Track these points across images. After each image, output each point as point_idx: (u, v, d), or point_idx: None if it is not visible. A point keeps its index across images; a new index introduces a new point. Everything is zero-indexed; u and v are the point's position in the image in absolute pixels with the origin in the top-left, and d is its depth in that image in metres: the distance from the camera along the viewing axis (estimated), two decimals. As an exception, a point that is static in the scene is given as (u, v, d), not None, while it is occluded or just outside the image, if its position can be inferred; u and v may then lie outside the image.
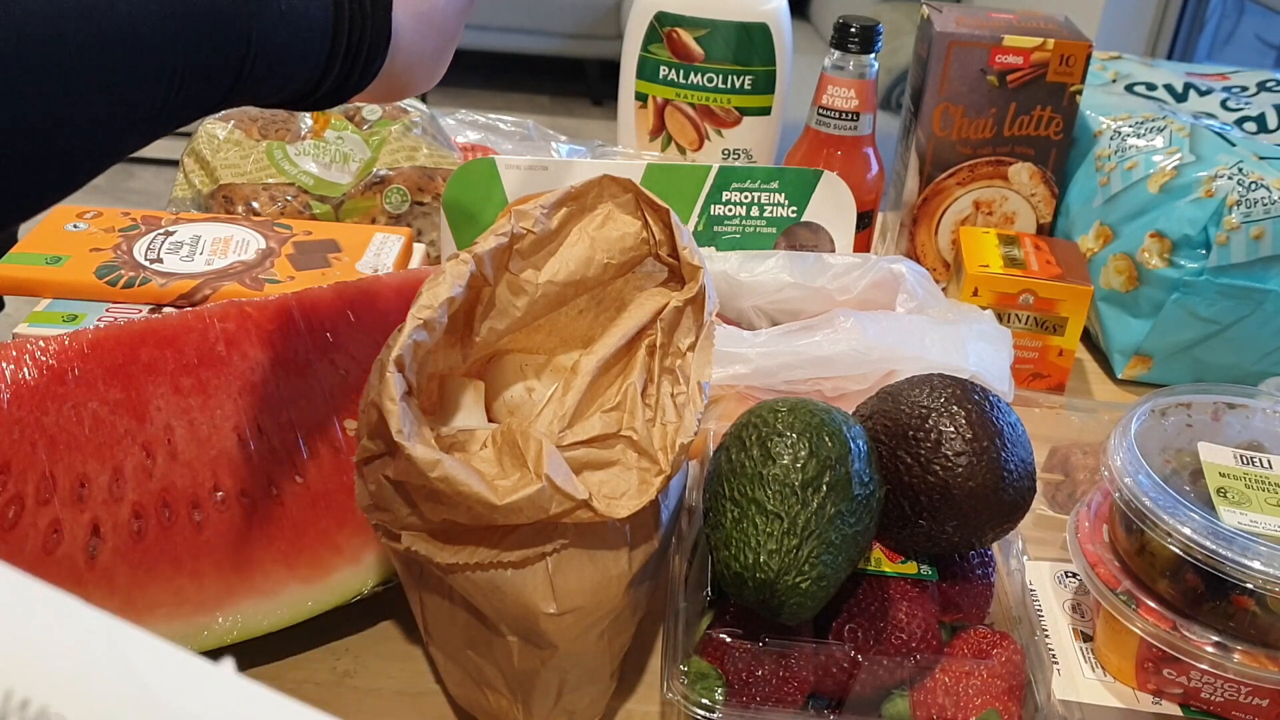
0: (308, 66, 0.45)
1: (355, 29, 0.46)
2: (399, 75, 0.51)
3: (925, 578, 0.53)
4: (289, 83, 0.45)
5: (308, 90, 0.47)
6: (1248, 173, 0.80)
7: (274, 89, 0.45)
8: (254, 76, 0.43)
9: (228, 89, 0.43)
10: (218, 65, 0.41)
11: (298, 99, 0.47)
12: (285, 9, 0.43)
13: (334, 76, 0.47)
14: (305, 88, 0.46)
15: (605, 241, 0.52)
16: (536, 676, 0.49)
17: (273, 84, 0.45)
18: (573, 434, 0.48)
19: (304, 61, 0.45)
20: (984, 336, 0.71)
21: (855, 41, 0.83)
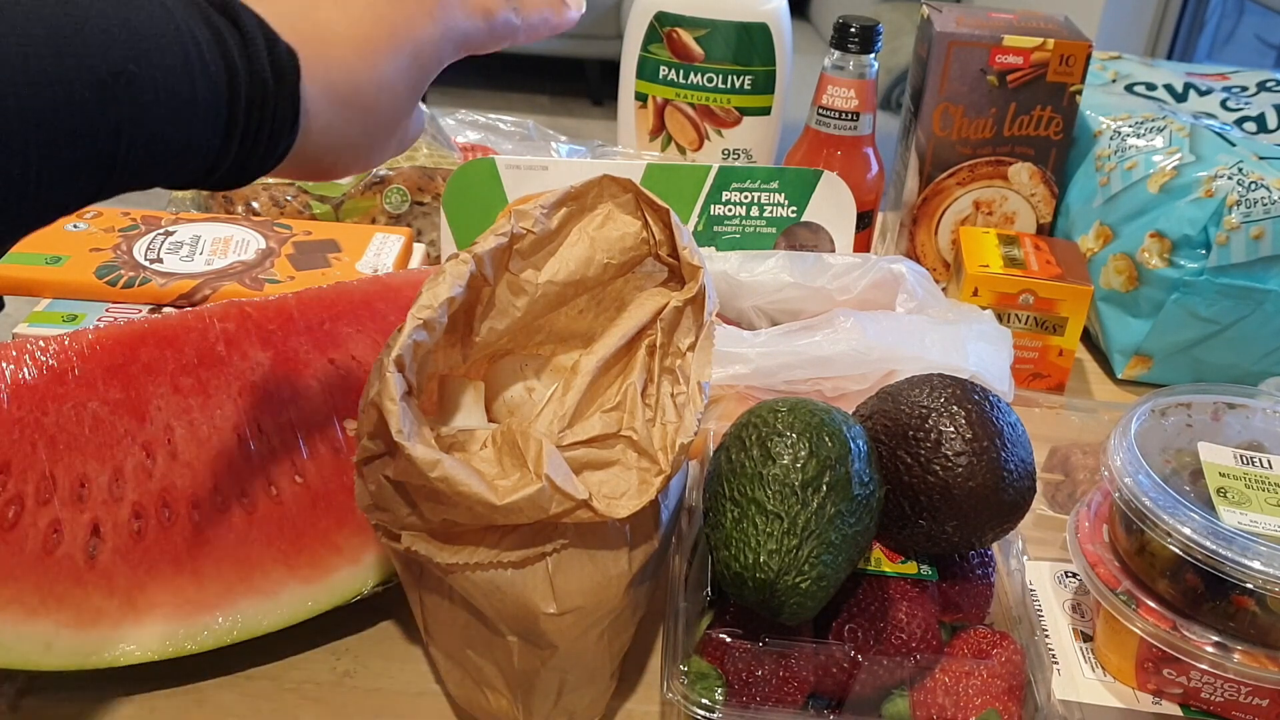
0: (198, 153, 0.41)
1: (254, 109, 0.41)
2: (318, 157, 0.46)
3: (925, 578, 0.53)
4: (179, 170, 0.41)
5: (201, 174, 0.42)
6: (1248, 173, 0.80)
7: (160, 177, 0.41)
8: (130, 169, 0.39)
9: (100, 184, 0.38)
10: (84, 162, 0.37)
11: (192, 183, 0.43)
12: (163, 95, 0.38)
13: (231, 159, 0.42)
14: (198, 173, 0.42)
15: (605, 241, 0.52)
16: (536, 677, 0.49)
17: (158, 173, 0.40)
18: (573, 434, 0.48)
19: (192, 147, 0.40)
20: (984, 336, 0.71)
21: (855, 41, 0.83)
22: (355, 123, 0.46)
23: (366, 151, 0.48)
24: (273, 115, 0.42)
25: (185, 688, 0.54)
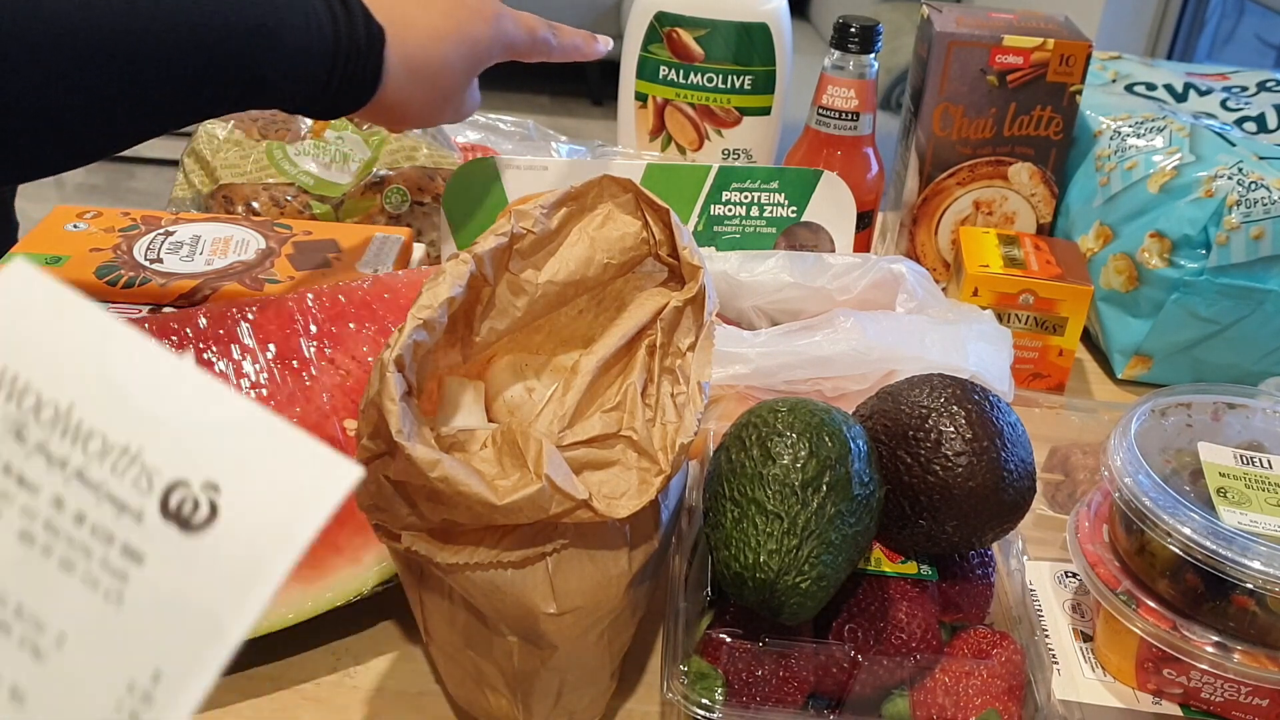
0: (309, 88, 0.58)
1: (349, 65, 0.58)
2: (390, 109, 0.63)
3: (925, 578, 0.53)
4: (289, 100, 0.58)
5: (305, 106, 0.59)
6: (1248, 173, 0.80)
7: (276, 103, 0.58)
8: (263, 94, 0.56)
9: (233, 103, 0.56)
10: (232, 83, 0.54)
11: (296, 110, 0.60)
12: (289, 44, 0.55)
13: (328, 99, 0.59)
14: (302, 105, 0.59)
15: (605, 241, 0.52)
16: (536, 677, 0.49)
17: (275, 100, 0.57)
18: (573, 434, 0.48)
19: (306, 84, 0.57)
20: (984, 336, 0.71)
21: (855, 41, 0.83)
22: (421, 89, 0.63)
23: (427, 112, 0.65)
24: (360, 71, 0.59)
25: (185, 688, 0.54)
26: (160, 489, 0.23)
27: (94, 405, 0.24)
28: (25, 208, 0.85)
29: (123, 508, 0.23)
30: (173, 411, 0.24)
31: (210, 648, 0.23)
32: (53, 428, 0.24)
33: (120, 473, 0.23)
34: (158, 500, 0.23)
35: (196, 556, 0.23)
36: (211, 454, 0.24)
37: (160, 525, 0.23)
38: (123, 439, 0.24)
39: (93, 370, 0.24)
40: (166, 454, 0.24)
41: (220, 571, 0.23)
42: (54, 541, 0.24)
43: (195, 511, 0.23)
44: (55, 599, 0.23)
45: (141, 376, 0.24)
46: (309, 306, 0.61)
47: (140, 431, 0.24)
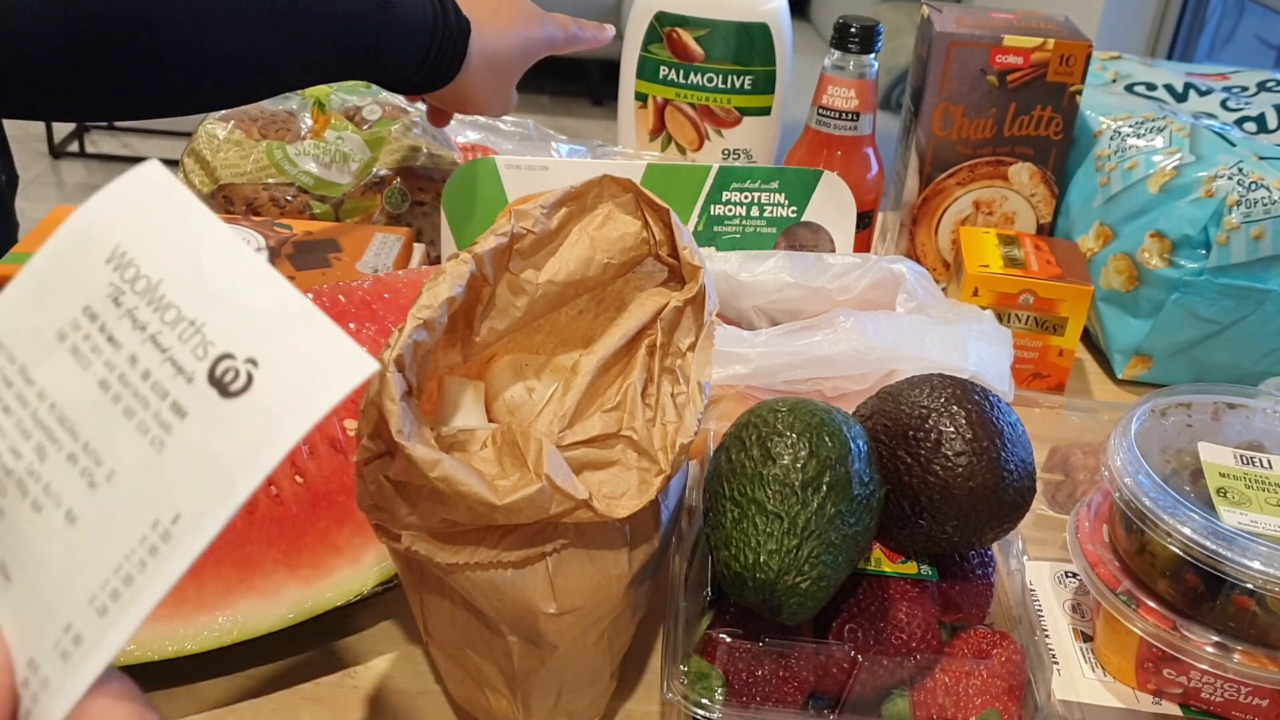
0: (409, 64, 0.69)
1: (444, 47, 0.70)
2: (462, 89, 0.74)
3: (925, 578, 0.53)
4: (396, 69, 0.69)
5: (399, 81, 0.70)
6: (1248, 173, 0.80)
7: (385, 74, 0.69)
8: (375, 64, 0.67)
9: (356, 67, 0.67)
10: (355, 51, 0.66)
11: (395, 84, 0.71)
12: (403, 22, 0.67)
13: (421, 75, 0.70)
14: (401, 80, 0.70)
15: (605, 241, 0.52)
16: (536, 677, 0.49)
17: (386, 71, 0.69)
18: (573, 434, 0.48)
19: (407, 60, 0.68)
20: (984, 336, 0.71)
21: (855, 41, 0.83)
22: (489, 78, 0.75)
23: (489, 100, 0.78)
24: (450, 54, 0.70)
25: (185, 688, 0.54)
26: (213, 357, 0.27)
27: (179, 282, 0.28)
28: (25, 208, 0.85)
29: (179, 369, 0.27)
30: (238, 294, 0.28)
31: (223, 500, 0.26)
32: (142, 297, 0.28)
33: (185, 340, 0.27)
34: (208, 367, 0.27)
35: (226, 418, 0.26)
36: (260, 334, 0.27)
37: (205, 388, 0.27)
38: (193, 313, 0.28)
39: (186, 253, 0.28)
40: (224, 329, 0.27)
41: (242, 434, 0.26)
42: (123, 391, 0.28)
43: (234, 380, 0.27)
44: (114, 440, 0.27)
45: (222, 263, 0.28)
46: (309, 306, 0.61)
47: (209, 308, 0.28)
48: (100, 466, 0.27)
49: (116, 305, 0.28)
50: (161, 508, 0.26)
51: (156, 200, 0.29)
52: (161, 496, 0.26)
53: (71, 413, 0.28)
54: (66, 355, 0.29)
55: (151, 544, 0.26)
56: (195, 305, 0.28)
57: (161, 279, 0.28)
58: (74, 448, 0.28)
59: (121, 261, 0.29)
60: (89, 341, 0.28)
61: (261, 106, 0.89)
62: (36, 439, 0.28)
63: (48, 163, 3.01)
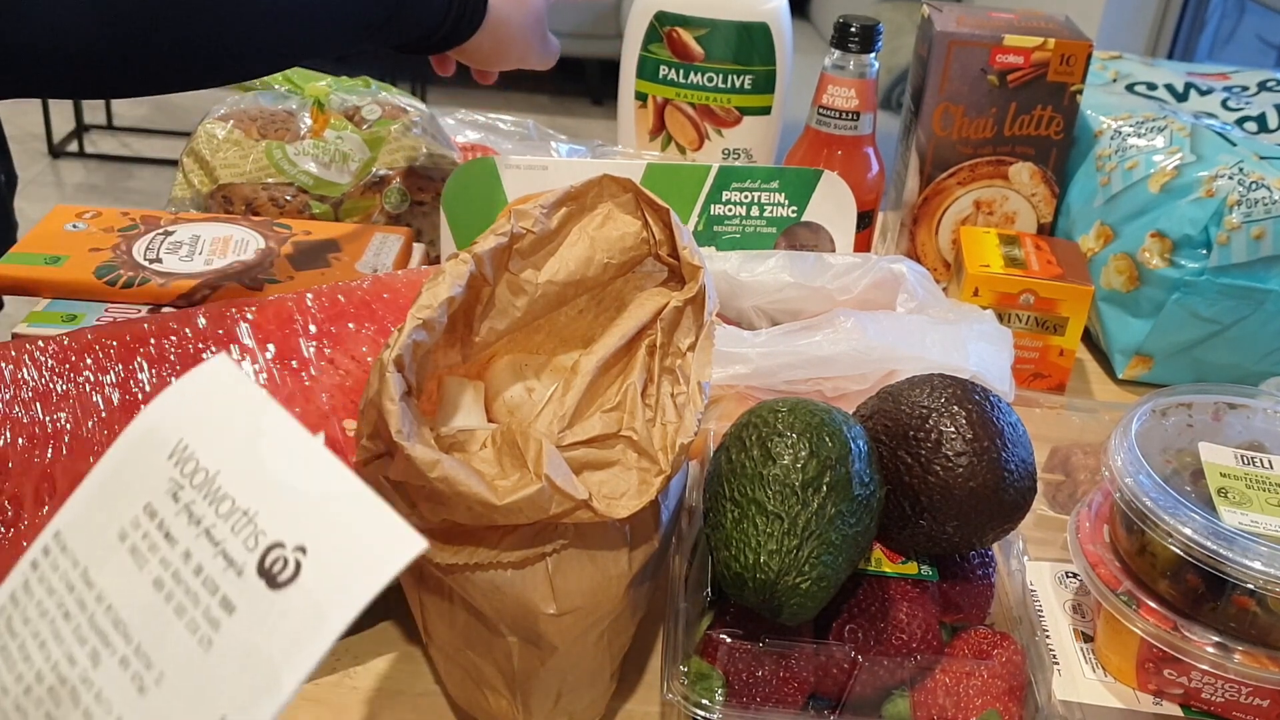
0: (432, 20, 0.69)
1: (464, 8, 0.69)
2: (481, 46, 0.73)
3: (926, 578, 0.53)
4: (417, 28, 0.68)
5: (424, 38, 0.70)
6: (1248, 172, 0.80)
7: (407, 34, 0.68)
8: (395, 27, 0.67)
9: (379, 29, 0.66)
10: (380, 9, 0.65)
11: (417, 44, 0.70)
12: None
13: (443, 31, 0.70)
14: (423, 36, 0.69)
15: (605, 241, 0.52)
16: (536, 677, 0.49)
17: (408, 31, 0.68)
18: (573, 434, 0.48)
19: (430, 16, 0.68)
20: (984, 336, 0.71)
21: (855, 41, 0.83)
22: (504, 36, 0.74)
23: (517, 51, 0.77)
24: (472, 12, 0.71)
25: (185, 688, 0.54)
26: (263, 548, 0.26)
27: (236, 473, 0.27)
28: (25, 208, 0.85)
29: (230, 562, 0.26)
30: (293, 481, 0.27)
31: (268, 697, 0.25)
32: (200, 490, 0.27)
33: (237, 531, 0.26)
34: (258, 558, 0.26)
35: (272, 611, 0.25)
36: (310, 520, 0.26)
37: (254, 580, 0.26)
38: (247, 503, 0.27)
39: (245, 443, 0.28)
40: (276, 517, 0.26)
41: (287, 627, 0.25)
42: (176, 589, 0.27)
43: (283, 569, 0.26)
44: (164, 640, 0.26)
45: (280, 450, 0.28)
46: (309, 306, 0.61)
47: (263, 497, 0.27)
48: (150, 670, 0.26)
49: (175, 500, 0.28)
50: (207, 710, 0.25)
51: (221, 394, 0.29)
52: (208, 698, 0.25)
53: (127, 615, 0.27)
54: (125, 555, 0.28)
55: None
56: (250, 495, 0.27)
57: (219, 470, 0.28)
58: (126, 651, 0.27)
59: (183, 456, 0.28)
60: (147, 540, 0.28)
61: (261, 106, 0.89)
62: (92, 644, 0.27)
63: (47, 162, 3.01)
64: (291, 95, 0.90)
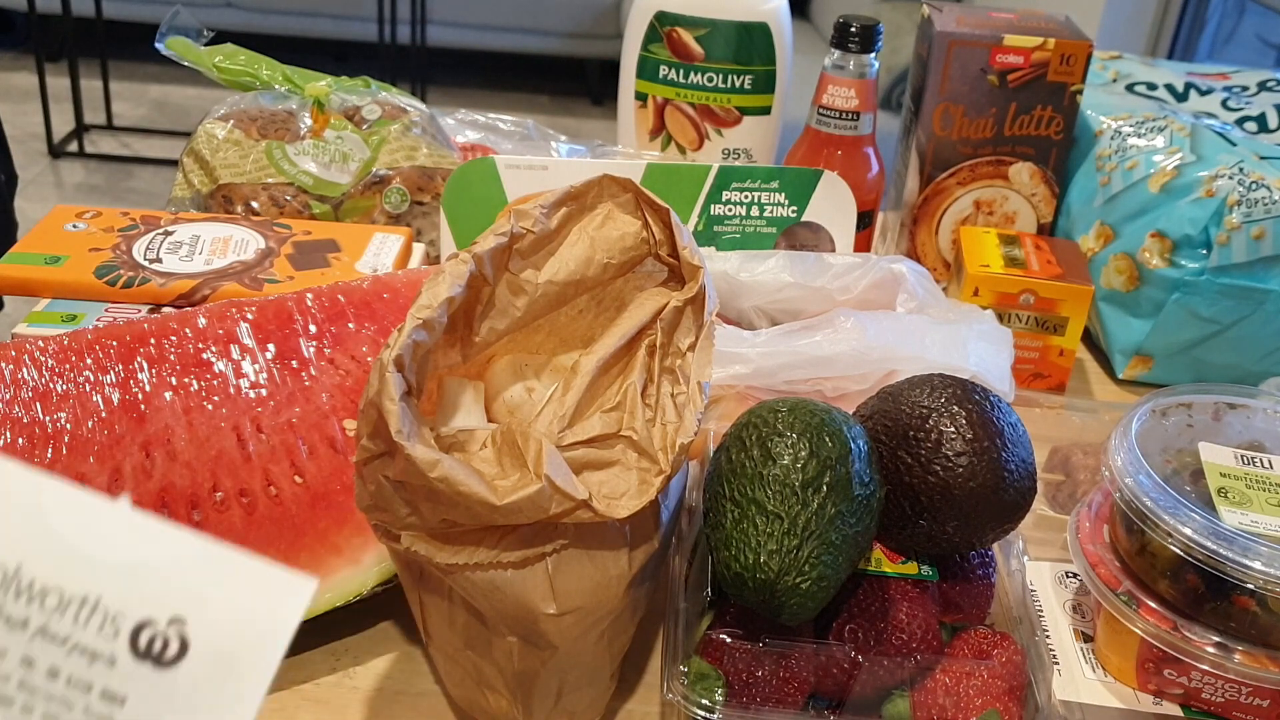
0: None
1: None
2: None
3: (926, 578, 0.53)
4: None
5: None
6: (1248, 172, 0.80)
7: None
8: None
9: None
10: None
11: None
12: None
13: None
14: None
15: (605, 241, 0.52)
16: (536, 677, 0.49)
17: None
18: (573, 434, 0.48)
19: None
20: (984, 336, 0.71)
21: (855, 41, 0.83)
22: None
23: None
24: None
25: (185, 688, 0.54)
26: (127, 632, 0.24)
27: (43, 561, 0.24)
28: (25, 208, 0.85)
29: (94, 656, 0.24)
30: (122, 555, 0.24)
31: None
32: (4, 590, 0.24)
33: (83, 623, 0.24)
34: (127, 643, 0.24)
35: (175, 689, 0.23)
36: (169, 591, 0.24)
37: (134, 666, 0.24)
38: (79, 589, 0.24)
39: (34, 528, 0.25)
40: (125, 597, 0.24)
41: (202, 699, 0.23)
42: (32, 699, 0.24)
43: (166, 648, 0.24)
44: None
45: (83, 526, 0.25)
46: (309, 306, 0.61)
47: (95, 580, 0.24)
48: None
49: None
50: None
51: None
52: None
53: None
54: None
55: None
56: (77, 579, 0.24)
57: (19, 564, 0.24)
58: None
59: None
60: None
61: (261, 106, 0.89)
62: None
63: (47, 163, 3.01)
64: (291, 95, 0.90)
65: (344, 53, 3.74)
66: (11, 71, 3.56)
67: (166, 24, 0.88)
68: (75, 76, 2.97)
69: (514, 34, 3.55)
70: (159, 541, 0.24)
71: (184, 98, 3.48)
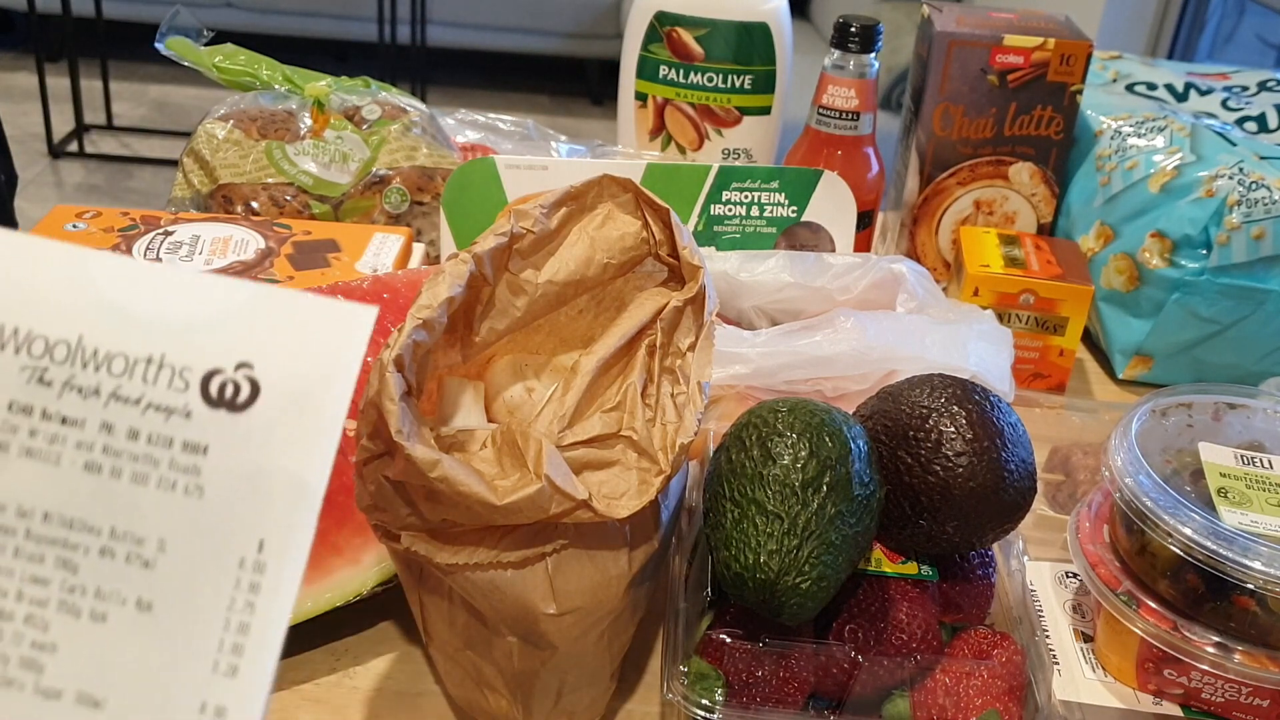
0: None
1: None
2: None
3: (926, 578, 0.53)
4: None
5: None
6: (1248, 172, 0.80)
7: None
8: None
9: None
10: None
11: None
12: None
13: None
14: None
15: (605, 241, 0.52)
16: (536, 677, 0.49)
17: None
18: (573, 434, 0.48)
19: None
20: (984, 336, 0.71)
21: (855, 41, 0.83)
22: None
23: None
24: None
25: (185, 688, 0.54)
26: (197, 383, 0.25)
27: (103, 329, 0.25)
28: (25, 208, 0.85)
29: (169, 411, 0.25)
30: (180, 312, 0.25)
31: (300, 503, 0.24)
32: (71, 364, 0.25)
33: (153, 381, 0.25)
34: (199, 393, 0.25)
35: (253, 431, 0.24)
36: (231, 338, 0.25)
37: (210, 414, 0.25)
38: (142, 350, 0.25)
39: (89, 299, 0.25)
40: (189, 351, 0.25)
41: (281, 436, 0.24)
42: (119, 462, 0.25)
43: (238, 393, 0.25)
44: (141, 511, 0.25)
45: (136, 290, 0.25)
46: (309, 306, 0.61)
47: (156, 339, 0.25)
48: (143, 544, 0.25)
49: (46, 384, 0.25)
50: (239, 544, 0.24)
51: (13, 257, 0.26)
52: (231, 535, 0.24)
53: (73, 511, 0.25)
54: (19, 462, 0.25)
55: (250, 582, 0.24)
56: (138, 341, 0.25)
57: (80, 335, 0.25)
58: (102, 542, 0.25)
59: (20, 341, 0.25)
60: (37, 436, 0.25)
61: (261, 106, 0.89)
62: (52, 556, 0.25)
63: (47, 163, 3.01)
64: (291, 95, 0.90)
65: (344, 53, 3.74)
66: (11, 71, 3.56)
67: (166, 24, 0.88)
68: (75, 76, 2.97)
69: (514, 34, 3.55)
70: (213, 293, 0.25)
71: (184, 98, 3.48)
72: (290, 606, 0.24)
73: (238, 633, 0.24)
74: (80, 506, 0.25)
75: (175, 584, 0.25)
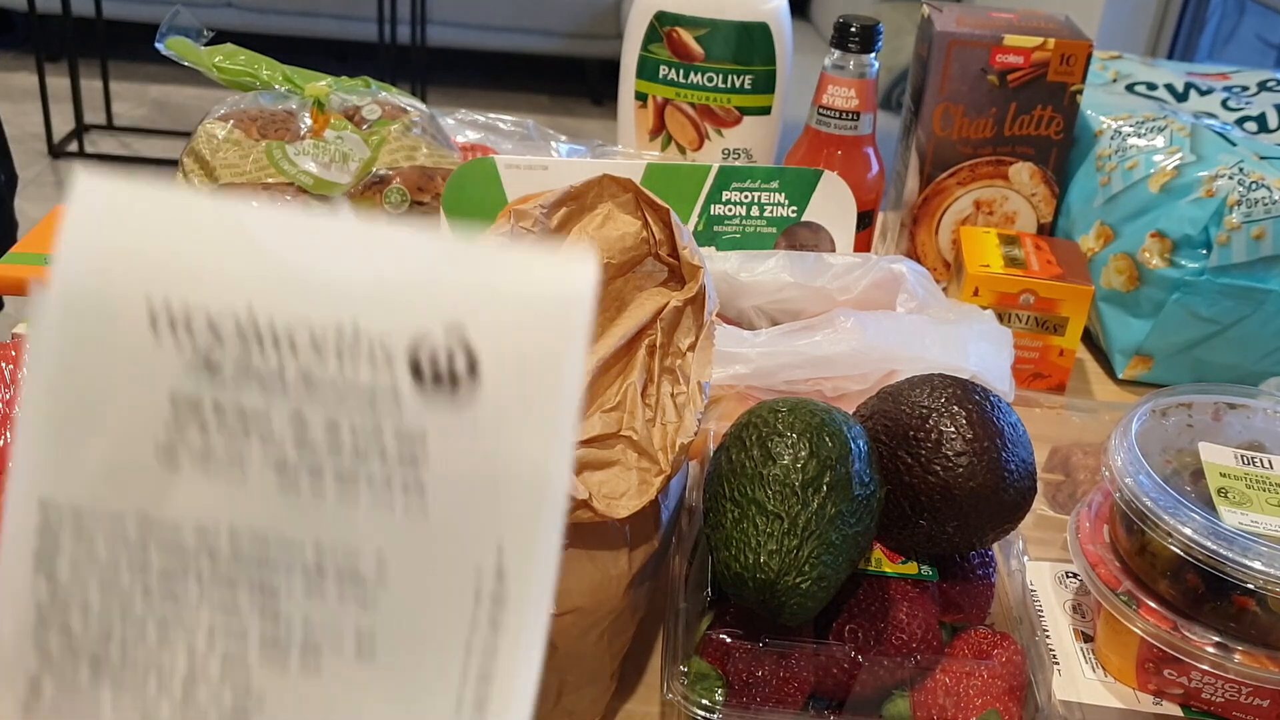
0: None
1: None
2: None
3: (926, 578, 0.53)
4: None
5: None
6: (1248, 172, 0.80)
7: None
8: None
9: None
10: None
11: None
12: None
13: None
14: None
15: (605, 241, 0.52)
16: (536, 677, 0.49)
17: None
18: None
19: None
20: (984, 336, 0.71)
21: (855, 41, 0.83)
22: None
23: None
24: None
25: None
26: (404, 353, 0.19)
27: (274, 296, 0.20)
28: (25, 208, 0.85)
29: (372, 392, 0.19)
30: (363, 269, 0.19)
31: (542, 499, 0.19)
32: (243, 341, 0.20)
33: (346, 355, 0.19)
34: (406, 367, 0.19)
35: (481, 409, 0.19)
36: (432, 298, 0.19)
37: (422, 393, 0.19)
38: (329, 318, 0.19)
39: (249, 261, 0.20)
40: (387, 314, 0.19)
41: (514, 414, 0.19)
42: (317, 459, 0.20)
43: (453, 362, 0.19)
44: (351, 519, 0.20)
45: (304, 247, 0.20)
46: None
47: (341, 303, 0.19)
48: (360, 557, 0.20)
49: (213, 370, 0.20)
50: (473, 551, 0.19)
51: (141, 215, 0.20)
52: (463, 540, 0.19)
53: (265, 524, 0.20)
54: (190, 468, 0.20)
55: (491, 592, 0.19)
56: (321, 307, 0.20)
57: (249, 303, 0.20)
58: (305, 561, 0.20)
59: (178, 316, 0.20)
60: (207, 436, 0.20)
61: (261, 106, 0.89)
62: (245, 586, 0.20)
63: (47, 163, 3.01)
64: (291, 95, 0.90)
65: (344, 53, 3.74)
66: (11, 71, 3.56)
67: (166, 24, 0.88)
68: (75, 76, 2.97)
69: (514, 34, 3.55)
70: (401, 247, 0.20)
71: (184, 98, 3.48)
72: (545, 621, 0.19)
73: (481, 656, 0.19)
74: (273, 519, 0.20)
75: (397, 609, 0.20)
